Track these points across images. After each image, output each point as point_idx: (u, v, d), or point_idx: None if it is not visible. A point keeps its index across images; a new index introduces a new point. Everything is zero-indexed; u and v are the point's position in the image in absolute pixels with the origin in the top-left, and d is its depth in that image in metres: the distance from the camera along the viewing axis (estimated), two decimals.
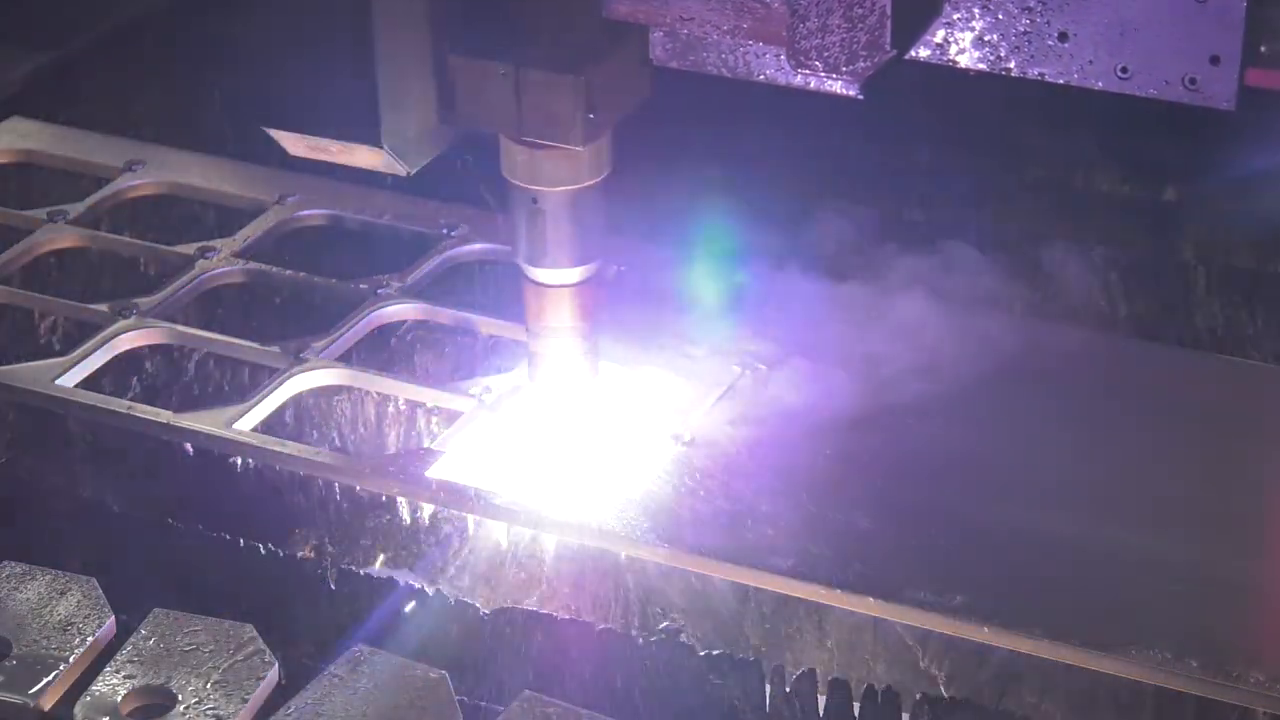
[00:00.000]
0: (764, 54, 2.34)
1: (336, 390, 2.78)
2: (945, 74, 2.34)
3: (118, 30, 3.70)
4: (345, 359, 2.82)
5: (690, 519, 2.49)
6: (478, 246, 3.02)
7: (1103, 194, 3.26)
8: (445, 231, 3.04)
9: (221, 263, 3.01)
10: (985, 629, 2.34)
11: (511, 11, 2.34)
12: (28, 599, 2.42)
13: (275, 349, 2.82)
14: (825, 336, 2.78)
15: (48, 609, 2.40)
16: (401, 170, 2.37)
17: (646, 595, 2.50)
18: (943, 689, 2.40)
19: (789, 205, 3.21)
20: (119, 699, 2.29)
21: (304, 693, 2.30)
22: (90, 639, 2.37)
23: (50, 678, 2.32)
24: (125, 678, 2.32)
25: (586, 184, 2.44)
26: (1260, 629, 2.34)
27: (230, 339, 2.87)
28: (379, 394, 2.76)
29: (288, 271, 3.01)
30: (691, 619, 2.49)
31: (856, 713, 2.38)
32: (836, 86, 2.22)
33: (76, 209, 3.14)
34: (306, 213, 3.13)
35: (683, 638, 2.48)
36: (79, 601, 2.41)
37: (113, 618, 2.40)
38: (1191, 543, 2.46)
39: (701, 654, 2.42)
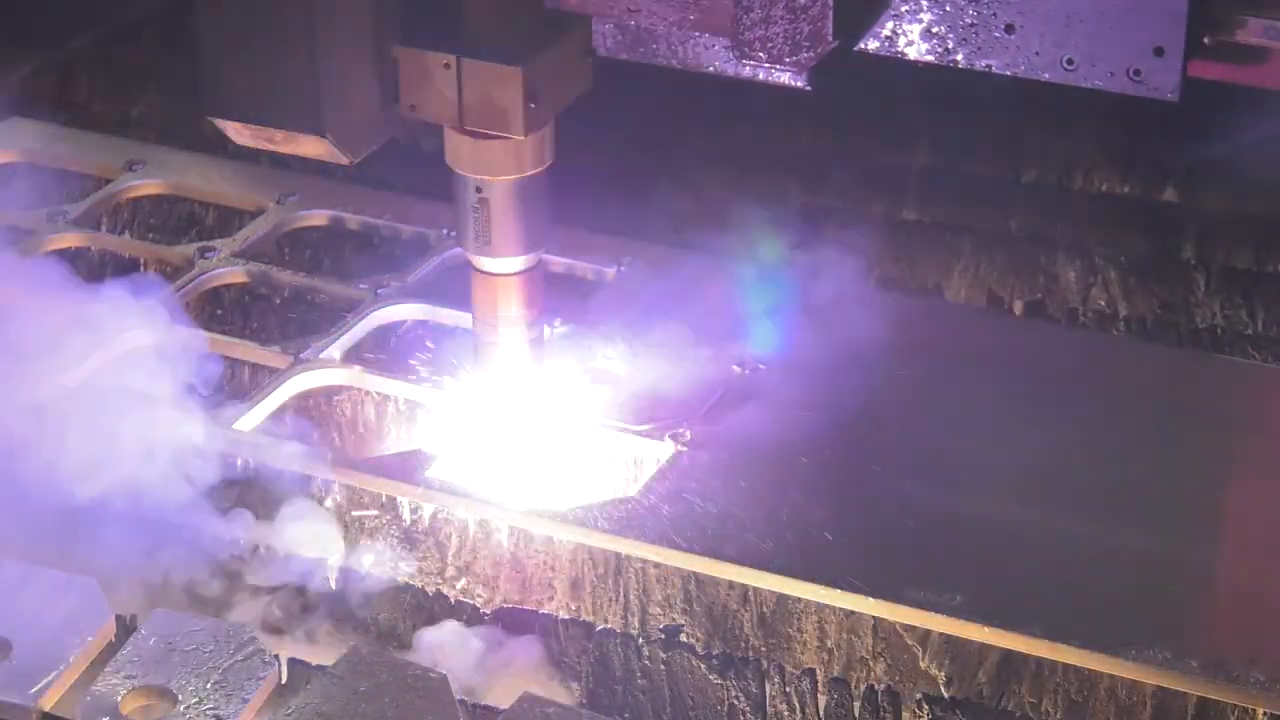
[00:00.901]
0: (713, 45, 2.38)
1: (336, 390, 2.78)
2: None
3: (118, 30, 3.70)
4: (345, 359, 2.82)
5: (689, 519, 2.49)
6: None
7: (1103, 194, 3.26)
8: (445, 232, 3.04)
9: (221, 263, 3.01)
10: (985, 629, 2.34)
11: (454, 2, 2.37)
12: (28, 599, 2.42)
13: (275, 349, 2.82)
14: (825, 336, 2.78)
15: (48, 609, 2.40)
16: (344, 159, 2.40)
17: (646, 595, 2.50)
18: (943, 689, 2.40)
19: (791, 202, 3.21)
20: (119, 699, 2.29)
21: (304, 693, 2.30)
22: (90, 639, 2.37)
23: (50, 678, 2.32)
24: (125, 678, 2.32)
25: (530, 173, 2.47)
26: (1260, 629, 2.34)
27: (230, 339, 2.87)
28: (379, 394, 2.76)
29: (288, 271, 3.01)
30: (691, 619, 2.49)
31: (856, 713, 2.38)
32: (784, 77, 2.26)
33: (76, 209, 3.14)
34: (306, 213, 3.13)
35: (683, 638, 2.48)
36: (79, 601, 2.41)
37: (113, 617, 2.40)
38: (1191, 543, 2.46)
39: (701, 654, 2.42)
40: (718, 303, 2.85)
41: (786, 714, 2.37)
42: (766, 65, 2.22)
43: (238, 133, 2.42)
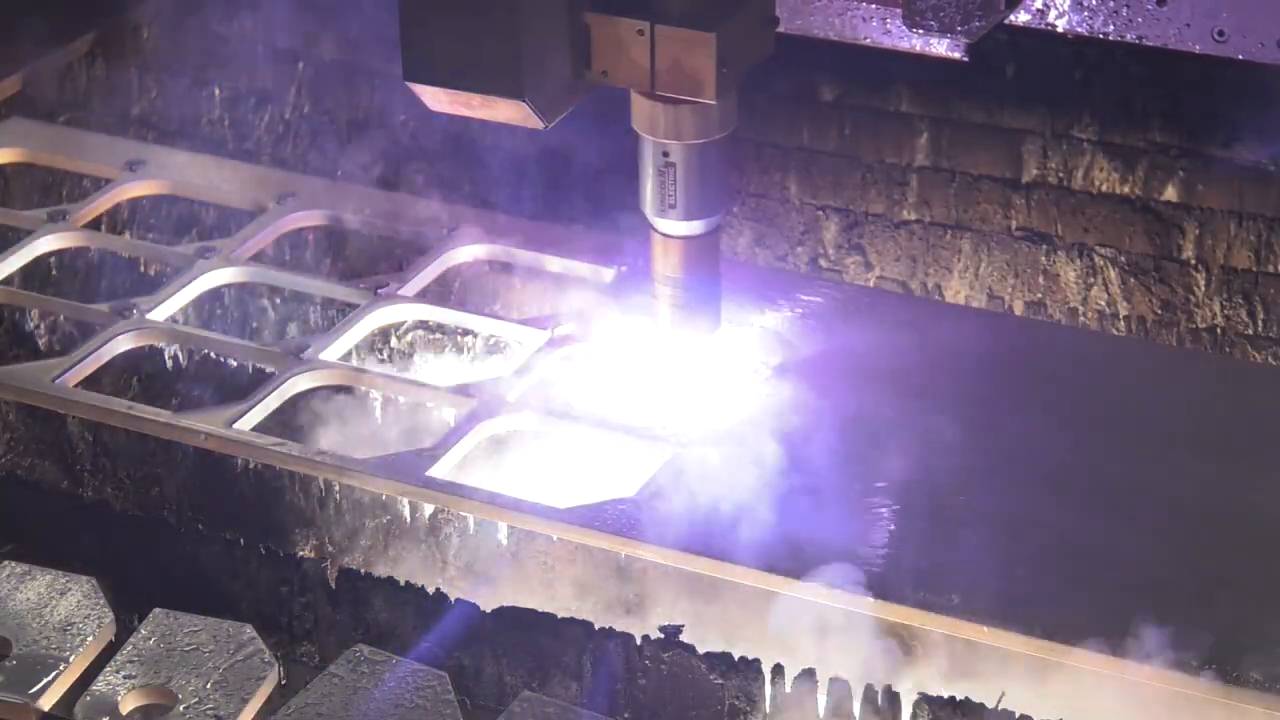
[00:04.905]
0: (870, 18, 2.40)
1: (336, 390, 2.78)
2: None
3: (118, 30, 3.70)
4: (345, 358, 2.82)
5: (690, 519, 2.49)
6: (478, 246, 3.02)
7: (1103, 194, 3.26)
8: (445, 231, 3.04)
9: (221, 263, 3.01)
10: (985, 629, 2.34)
11: None
12: (28, 599, 2.42)
13: (275, 349, 2.82)
14: (827, 336, 2.78)
15: (48, 609, 2.40)
16: (539, 124, 2.44)
17: (647, 595, 2.50)
18: (943, 689, 2.40)
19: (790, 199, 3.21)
20: (119, 699, 2.29)
21: (304, 693, 2.30)
22: (90, 639, 2.37)
23: (50, 678, 2.32)
24: (125, 678, 2.32)
25: (716, 137, 2.52)
26: (1260, 629, 2.34)
27: (230, 339, 2.87)
28: (379, 394, 2.77)
29: (288, 271, 3.01)
30: (691, 619, 2.49)
31: (856, 713, 2.38)
32: (942, 48, 2.27)
33: (76, 209, 3.14)
34: (306, 213, 3.13)
35: (683, 638, 2.48)
36: (79, 601, 2.41)
37: (113, 617, 2.40)
38: (1191, 543, 2.46)
39: (701, 654, 2.42)
40: (720, 301, 2.86)
41: (786, 714, 2.37)
42: (936, 34, 2.24)
43: (434, 98, 2.45)
